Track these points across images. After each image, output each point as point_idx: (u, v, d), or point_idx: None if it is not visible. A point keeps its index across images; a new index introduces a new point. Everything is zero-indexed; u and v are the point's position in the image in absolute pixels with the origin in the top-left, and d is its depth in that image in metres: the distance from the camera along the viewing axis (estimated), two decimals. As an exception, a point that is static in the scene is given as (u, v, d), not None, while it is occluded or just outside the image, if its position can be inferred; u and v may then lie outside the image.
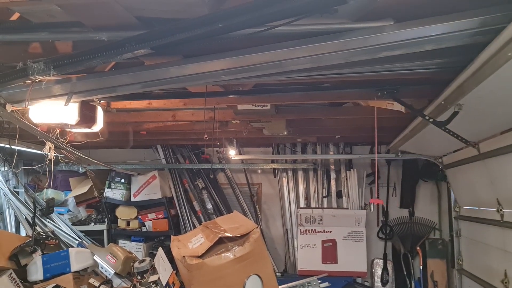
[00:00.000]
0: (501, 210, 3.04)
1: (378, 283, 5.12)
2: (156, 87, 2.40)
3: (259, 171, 5.63)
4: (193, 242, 2.72)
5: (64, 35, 1.89)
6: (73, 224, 5.26)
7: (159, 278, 2.62)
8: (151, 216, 5.31)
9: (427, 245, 4.96)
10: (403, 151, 4.64)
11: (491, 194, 3.18)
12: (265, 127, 3.99)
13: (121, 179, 5.33)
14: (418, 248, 5.00)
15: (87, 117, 2.83)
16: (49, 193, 5.12)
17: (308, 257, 5.00)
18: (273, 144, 5.46)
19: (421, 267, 4.93)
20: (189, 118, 3.83)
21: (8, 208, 4.60)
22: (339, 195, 5.36)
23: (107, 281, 2.97)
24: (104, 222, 5.45)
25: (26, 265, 2.85)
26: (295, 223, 5.33)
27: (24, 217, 4.53)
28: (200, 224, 4.50)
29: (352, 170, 5.25)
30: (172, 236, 2.96)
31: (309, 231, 5.09)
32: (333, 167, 5.37)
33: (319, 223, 5.07)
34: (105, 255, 3.10)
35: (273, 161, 5.45)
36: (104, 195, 5.34)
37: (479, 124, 2.74)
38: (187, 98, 3.17)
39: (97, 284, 2.87)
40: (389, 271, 5.13)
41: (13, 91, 2.30)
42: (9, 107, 2.40)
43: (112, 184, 5.33)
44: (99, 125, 3.01)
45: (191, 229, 4.95)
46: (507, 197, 2.97)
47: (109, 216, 5.38)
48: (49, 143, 3.06)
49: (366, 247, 4.95)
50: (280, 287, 3.37)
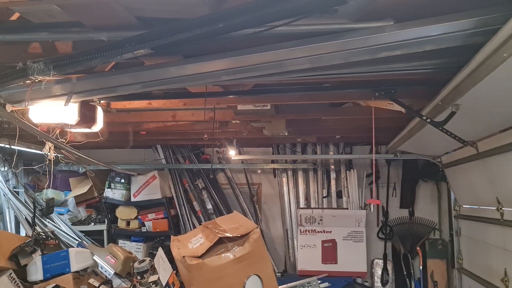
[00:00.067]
0: (501, 208, 3.05)
1: (378, 283, 5.11)
2: (156, 87, 2.40)
3: (259, 171, 5.62)
4: (193, 242, 2.72)
5: (64, 35, 1.89)
6: (73, 224, 5.26)
7: (159, 278, 2.61)
8: (151, 216, 5.31)
9: (427, 245, 4.96)
10: (402, 151, 4.64)
11: (490, 193, 3.18)
12: (265, 127, 3.99)
13: (121, 179, 5.33)
14: (418, 248, 5.00)
15: (87, 117, 2.83)
16: (49, 193, 5.12)
17: (308, 257, 4.99)
18: (273, 144, 5.46)
19: (421, 267, 4.93)
20: (189, 118, 3.83)
21: (8, 208, 4.60)
22: (339, 195, 5.36)
23: (107, 281, 2.96)
24: (104, 222, 5.44)
25: (26, 265, 2.84)
26: (295, 223, 5.32)
27: (24, 217, 4.53)
28: (200, 224, 4.50)
29: (352, 170, 5.25)
30: (172, 236, 2.96)
31: (309, 231, 5.09)
32: (333, 167, 5.36)
33: (319, 223, 5.07)
34: (105, 255, 3.10)
35: (273, 161, 5.45)
36: (104, 195, 5.33)
37: (477, 124, 2.74)
38: (187, 98, 3.17)
39: (97, 284, 2.87)
40: (389, 271, 5.13)
41: (13, 91, 2.31)
42: (9, 107, 2.40)
43: (112, 184, 5.32)
44: (99, 125, 3.01)
45: (191, 229, 4.94)
46: (507, 195, 2.97)
47: (109, 216, 5.38)
48: (49, 143, 3.05)
49: (366, 247, 4.95)
50: (280, 287, 3.37)
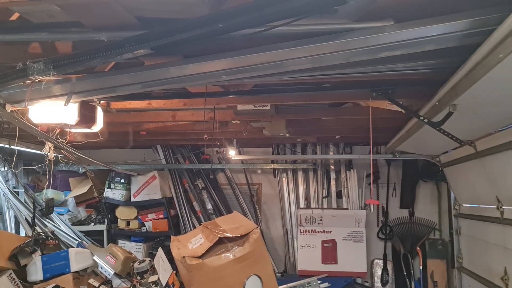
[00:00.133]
0: (501, 207, 3.05)
1: (378, 283, 5.11)
2: (156, 87, 2.40)
3: (259, 172, 5.62)
4: (193, 242, 2.72)
5: (64, 35, 1.89)
6: (73, 224, 5.26)
7: (158, 278, 2.61)
8: (151, 216, 5.31)
9: (427, 245, 4.96)
10: (401, 151, 4.64)
11: (490, 191, 3.18)
12: (265, 127, 3.99)
13: (121, 179, 5.33)
14: (418, 248, 5.00)
15: (87, 117, 2.83)
16: (49, 193, 5.12)
17: (308, 257, 4.99)
18: (273, 144, 5.46)
19: (421, 268, 4.93)
20: (189, 118, 3.83)
21: (7, 208, 4.60)
22: (339, 195, 5.36)
23: (107, 282, 2.96)
24: (104, 222, 5.44)
25: (25, 266, 2.84)
26: (295, 224, 5.32)
27: (23, 217, 4.53)
28: (200, 224, 4.50)
29: (352, 170, 5.25)
30: (172, 236, 2.96)
31: (309, 231, 5.09)
32: (333, 167, 5.36)
33: (319, 224, 5.07)
34: (104, 255, 3.09)
35: (273, 162, 5.44)
36: (104, 195, 5.33)
37: (474, 123, 2.74)
38: (187, 98, 3.17)
39: (96, 284, 2.87)
40: (389, 271, 5.13)
41: (13, 91, 2.31)
42: (9, 107, 2.40)
43: (112, 184, 5.32)
44: (99, 125, 3.01)
45: (191, 230, 4.94)
46: (507, 194, 2.98)
47: (109, 216, 5.37)
48: (49, 143, 3.05)
49: (366, 247, 4.94)
50: (280, 287, 3.37)
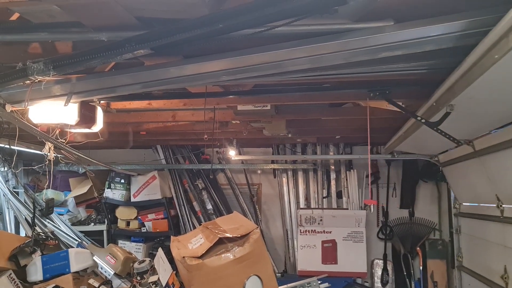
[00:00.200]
0: (501, 206, 3.05)
1: (378, 283, 5.11)
2: (156, 87, 2.40)
3: (259, 172, 5.62)
4: (193, 242, 2.72)
5: (64, 35, 1.89)
6: (73, 224, 5.26)
7: (158, 278, 2.60)
8: (151, 216, 5.31)
9: (427, 245, 4.96)
10: (400, 151, 4.63)
11: (490, 190, 3.18)
12: (265, 128, 3.99)
13: (121, 180, 5.32)
14: (418, 248, 4.99)
15: (86, 117, 2.83)
16: (49, 193, 5.11)
17: (308, 257, 4.99)
18: (273, 144, 5.46)
19: (421, 268, 4.93)
20: (189, 118, 3.83)
21: (7, 208, 4.60)
22: (339, 195, 5.36)
23: (107, 282, 2.96)
24: (103, 222, 5.44)
25: (25, 266, 2.84)
26: (295, 224, 5.32)
27: (23, 217, 4.53)
28: (200, 224, 4.50)
29: (352, 170, 5.25)
30: (172, 236, 2.96)
31: (309, 231, 5.09)
32: (333, 167, 5.36)
33: (319, 224, 5.07)
34: (104, 255, 3.09)
35: (273, 162, 5.44)
36: (104, 195, 5.33)
37: (472, 123, 2.74)
38: (187, 98, 3.17)
39: (96, 284, 2.86)
40: (389, 271, 5.13)
41: (12, 91, 2.31)
42: (9, 107, 2.40)
43: (112, 184, 5.32)
44: (99, 125, 3.01)
45: (191, 230, 4.94)
46: (506, 193, 2.98)
47: (109, 216, 5.37)
48: (49, 143, 3.05)
49: (366, 247, 4.94)
50: (280, 287, 3.36)
